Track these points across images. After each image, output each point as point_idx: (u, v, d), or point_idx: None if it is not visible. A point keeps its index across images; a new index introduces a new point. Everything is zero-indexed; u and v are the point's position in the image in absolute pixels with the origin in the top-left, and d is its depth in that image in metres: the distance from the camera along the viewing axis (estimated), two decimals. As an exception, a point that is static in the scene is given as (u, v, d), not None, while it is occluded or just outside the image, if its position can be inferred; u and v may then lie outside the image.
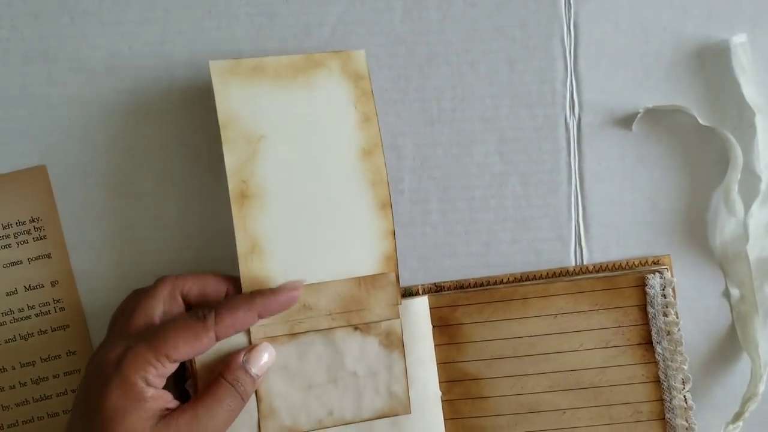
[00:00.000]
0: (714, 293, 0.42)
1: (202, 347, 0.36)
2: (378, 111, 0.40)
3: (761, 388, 0.40)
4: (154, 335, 0.35)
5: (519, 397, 0.41)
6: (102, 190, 0.42)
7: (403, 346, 0.40)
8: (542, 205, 0.42)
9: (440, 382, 0.41)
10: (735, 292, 0.41)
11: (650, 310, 0.40)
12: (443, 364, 0.41)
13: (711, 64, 0.42)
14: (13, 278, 0.42)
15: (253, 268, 0.39)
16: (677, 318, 0.40)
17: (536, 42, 0.42)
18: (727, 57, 0.42)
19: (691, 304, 0.42)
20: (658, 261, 0.41)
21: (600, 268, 0.41)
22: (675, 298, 0.40)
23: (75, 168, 0.42)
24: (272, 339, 0.39)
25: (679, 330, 0.40)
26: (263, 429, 0.39)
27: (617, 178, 0.42)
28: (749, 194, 0.41)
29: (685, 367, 0.40)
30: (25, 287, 0.42)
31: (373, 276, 0.40)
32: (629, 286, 0.40)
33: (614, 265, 0.41)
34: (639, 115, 0.42)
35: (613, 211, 0.42)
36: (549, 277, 0.41)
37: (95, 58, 0.42)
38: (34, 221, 0.42)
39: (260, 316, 0.37)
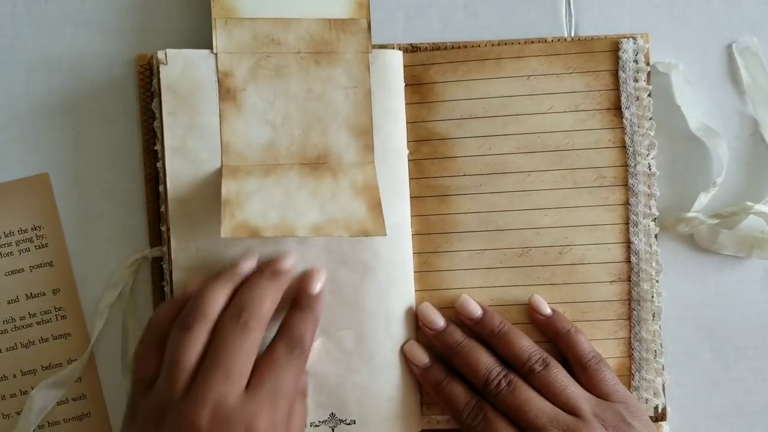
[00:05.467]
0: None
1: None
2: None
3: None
4: (289, 387, 0.35)
5: (485, 158, 0.41)
6: (104, 198, 0.42)
7: (370, 96, 0.39)
8: None
9: (408, 142, 0.41)
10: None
11: (621, 74, 0.40)
12: (412, 123, 0.41)
13: (712, 73, 0.42)
14: (14, 286, 0.41)
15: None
16: (647, 84, 0.40)
17: None
18: (729, 65, 0.42)
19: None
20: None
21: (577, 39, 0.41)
22: (648, 65, 0.40)
23: (77, 176, 0.42)
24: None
25: (648, 96, 0.40)
26: (224, 136, 0.39)
27: None
28: None
29: (652, 133, 0.40)
30: (26, 295, 0.41)
31: (343, 20, 0.39)
32: (603, 51, 0.40)
33: (592, 37, 0.41)
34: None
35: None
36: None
37: (97, 68, 0.42)
38: (36, 229, 0.41)
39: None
